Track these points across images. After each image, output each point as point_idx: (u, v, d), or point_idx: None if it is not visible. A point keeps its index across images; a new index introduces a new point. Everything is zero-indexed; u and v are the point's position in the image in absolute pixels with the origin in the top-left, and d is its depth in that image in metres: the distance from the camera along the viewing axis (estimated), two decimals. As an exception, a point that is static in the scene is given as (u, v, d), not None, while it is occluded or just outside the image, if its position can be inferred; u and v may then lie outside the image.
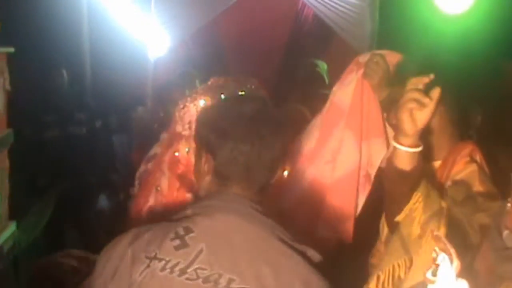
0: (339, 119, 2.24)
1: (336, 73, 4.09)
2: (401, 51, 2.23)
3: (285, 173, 2.02)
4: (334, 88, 2.31)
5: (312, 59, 4.70)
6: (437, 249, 1.49)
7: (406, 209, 1.68)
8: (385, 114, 2.20)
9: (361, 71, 2.19)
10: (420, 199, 1.66)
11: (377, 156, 2.20)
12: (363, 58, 2.22)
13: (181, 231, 1.36)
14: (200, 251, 1.34)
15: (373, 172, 2.21)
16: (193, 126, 1.86)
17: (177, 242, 1.35)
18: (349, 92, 2.22)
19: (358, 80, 2.20)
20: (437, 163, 1.96)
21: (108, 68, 5.72)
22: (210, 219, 1.39)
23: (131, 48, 5.43)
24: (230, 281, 1.31)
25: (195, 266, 1.33)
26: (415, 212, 1.66)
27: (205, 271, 1.32)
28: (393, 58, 2.15)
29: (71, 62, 5.55)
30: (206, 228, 1.38)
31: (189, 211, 1.42)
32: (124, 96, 5.48)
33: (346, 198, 2.21)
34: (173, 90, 3.55)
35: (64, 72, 5.03)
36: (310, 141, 2.31)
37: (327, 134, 2.26)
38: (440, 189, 1.87)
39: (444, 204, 1.66)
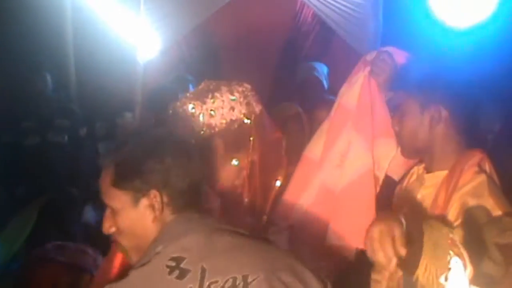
0: (346, 121, 2.29)
1: (337, 77, 4.13)
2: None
3: (278, 183, 2.07)
4: (342, 90, 2.35)
5: (311, 62, 4.72)
6: (451, 252, 1.52)
7: (419, 277, 1.69)
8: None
9: (368, 69, 2.24)
10: (429, 263, 1.67)
11: (385, 158, 2.25)
12: (371, 56, 2.27)
13: (172, 263, 1.42)
14: (204, 269, 1.41)
15: (381, 175, 2.26)
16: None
17: (176, 273, 1.40)
18: (356, 91, 2.26)
19: (364, 77, 2.24)
20: (443, 173, 1.98)
21: (94, 71, 5.73)
22: (191, 241, 1.47)
23: (119, 50, 5.43)
24: (245, 277, 1.41)
25: (207, 283, 1.40)
26: (429, 276, 1.67)
27: (217, 283, 1.40)
28: (400, 57, 2.19)
29: (54, 65, 5.57)
30: (194, 248, 1.45)
31: (159, 248, 1.47)
32: (111, 102, 5.50)
33: (361, 203, 2.24)
34: (165, 96, 3.56)
35: (47, 76, 5.05)
36: (318, 146, 2.35)
37: (334, 136, 2.30)
38: (445, 203, 1.89)
39: (455, 237, 1.69)
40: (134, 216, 1.57)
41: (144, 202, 1.55)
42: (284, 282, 1.43)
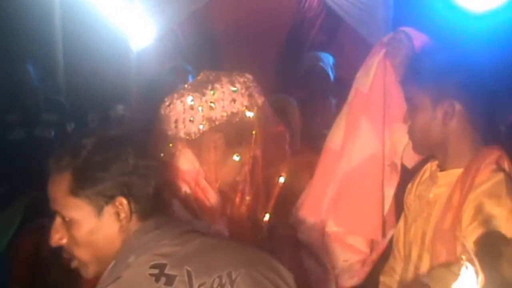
0: (362, 106, 2.33)
1: (344, 67, 4.13)
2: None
3: (281, 179, 2.08)
4: (358, 74, 2.39)
5: (316, 52, 4.72)
6: (463, 257, 1.53)
7: None
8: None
9: (383, 51, 2.27)
10: None
11: (400, 143, 2.28)
12: (387, 37, 2.31)
13: (155, 271, 1.43)
14: (189, 272, 1.43)
15: (398, 161, 2.29)
16: (179, 125, 1.92)
17: (163, 279, 1.42)
18: (371, 74, 2.30)
19: (379, 60, 2.28)
20: (457, 171, 1.99)
21: (84, 61, 5.71)
22: (165, 246, 1.49)
23: (111, 38, 5.44)
24: (229, 274, 1.45)
25: (196, 285, 1.42)
26: None
27: (206, 285, 1.43)
28: (418, 39, 2.21)
29: (40, 53, 5.55)
30: (172, 253, 1.47)
31: (131, 259, 1.47)
32: (103, 93, 5.48)
33: (364, 190, 2.29)
34: (163, 88, 3.56)
35: (29, 66, 5.02)
36: (337, 135, 2.39)
37: (354, 123, 2.34)
38: (460, 204, 1.90)
39: (467, 243, 1.70)
40: (95, 226, 1.53)
41: (108, 210, 1.53)
42: (263, 274, 1.47)
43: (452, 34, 4.19)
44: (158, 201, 1.59)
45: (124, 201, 1.52)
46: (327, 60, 4.33)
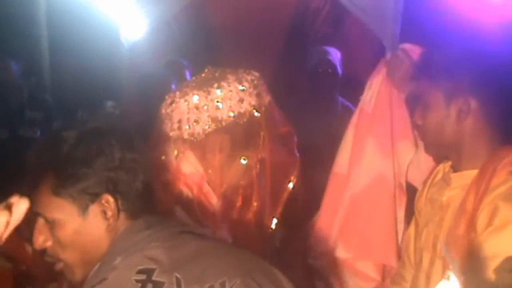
0: (367, 126, 2.42)
1: (351, 62, 4.15)
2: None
3: (290, 185, 2.09)
4: (363, 94, 2.46)
5: (322, 46, 4.74)
6: (450, 266, 1.57)
7: None
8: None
9: (385, 69, 2.38)
10: None
11: (404, 161, 2.34)
12: (389, 56, 2.42)
13: (142, 276, 1.42)
14: (178, 280, 1.42)
15: (403, 181, 2.35)
16: (183, 126, 1.94)
17: (150, 286, 1.40)
18: (374, 93, 2.39)
19: (382, 79, 2.37)
20: (472, 173, 1.97)
21: (71, 55, 5.71)
22: (155, 249, 1.48)
23: (100, 30, 5.43)
24: (223, 284, 1.43)
25: None
26: None
27: None
28: (417, 54, 2.26)
29: (24, 48, 5.55)
30: (161, 258, 1.46)
31: (117, 260, 1.46)
32: (92, 90, 5.49)
33: (373, 213, 2.35)
34: (158, 84, 3.58)
35: (12, 62, 5.03)
36: (344, 159, 2.46)
37: (360, 145, 2.41)
38: (474, 208, 1.92)
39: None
40: (81, 226, 1.53)
41: (94, 209, 1.53)
42: (261, 284, 1.47)
43: (466, 26, 4.20)
44: (148, 198, 1.58)
45: (110, 198, 1.52)
46: (335, 54, 4.35)
